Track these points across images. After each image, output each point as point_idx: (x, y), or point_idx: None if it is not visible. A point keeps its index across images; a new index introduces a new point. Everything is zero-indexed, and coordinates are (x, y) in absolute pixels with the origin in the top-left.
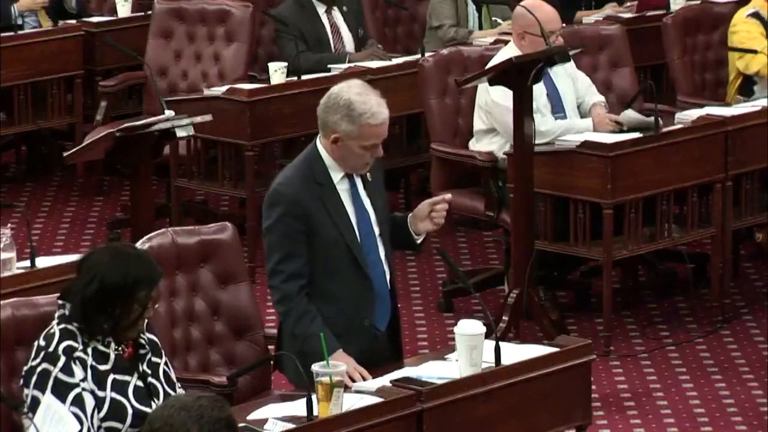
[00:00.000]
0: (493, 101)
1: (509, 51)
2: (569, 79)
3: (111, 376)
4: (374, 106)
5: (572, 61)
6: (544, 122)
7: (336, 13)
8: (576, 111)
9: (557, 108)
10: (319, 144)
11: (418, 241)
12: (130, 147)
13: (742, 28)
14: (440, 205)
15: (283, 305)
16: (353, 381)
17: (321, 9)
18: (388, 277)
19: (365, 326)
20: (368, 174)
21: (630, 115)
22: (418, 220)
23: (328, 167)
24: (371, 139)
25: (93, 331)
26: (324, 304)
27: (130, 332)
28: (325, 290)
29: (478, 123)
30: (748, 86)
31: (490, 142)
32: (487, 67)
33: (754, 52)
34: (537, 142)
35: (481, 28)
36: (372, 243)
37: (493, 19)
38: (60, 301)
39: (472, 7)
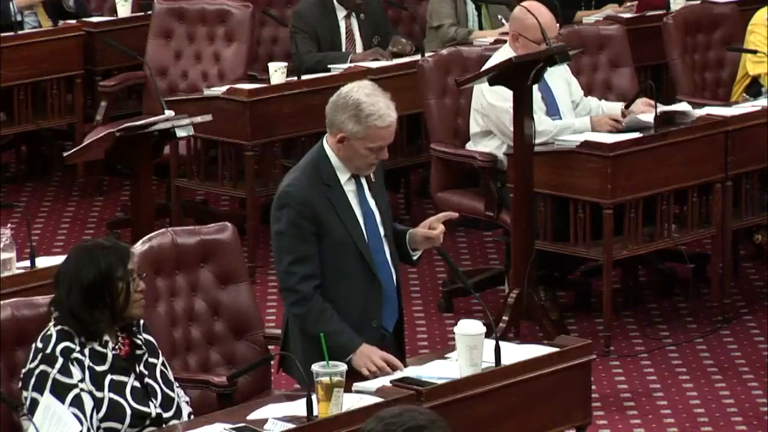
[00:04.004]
0: (489, 103)
1: (505, 52)
2: (563, 81)
3: (108, 377)
4: (382, 108)
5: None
6: (540, 122)
7: (353, 20)
8: (572, 112)
9: (552, 109)
10: (326, 144)
11: (415, 257)
12: (130, 147)
13: (760, 31)
14: (434, 238)
15: (301, 306)
16: (380, 370)
17: (341, 13)
18: (394, 278)
19: (373, 327)
20: (371, 175)
21: (634, 119)
22: (414, 241)
23: (335, 168)
24: (377, 141)
25: (94, 332)
26: (332, 305)
27: (131, 310)
28: (334, 291)
29: (474, 126)
30: (756, 86)
31: (486, 144)
32: (485, 67)
33: (755, 52)
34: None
35: (480, 27)
36: (379, 244)
37: (499, 17)
38: (52, 308)
39: (471, 6)
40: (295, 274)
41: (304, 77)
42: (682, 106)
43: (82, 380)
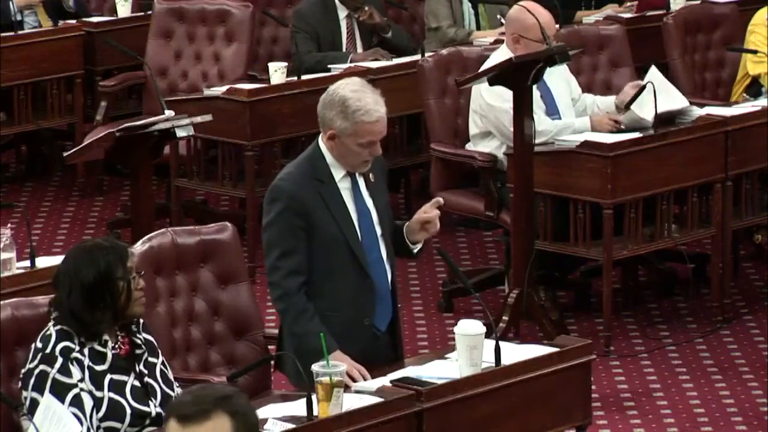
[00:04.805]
0: (487, 104)
1: (503, 53)
2: (563, 80)
3: (108, 377)
4: (369, 104)
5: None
6: (540, 122)
7: (354, 20)
8: (572, 111)
9: (551, 109)
10: (321, 142)
11: (415, 251)
12: (130, 147)
13: (761, 31)
14: (431, 221)
15: (283, 302)
16: (353, 380)
17: (342, 13)
18: (389, 277)
19: (365, 326)
20: (371, 174)
21: (632, 115)
22: (412, 232)
23: (329, 165)
24: (366, 137)
25: (94, 332)
26: (323, 302)
27: (133, 309)
28: (325, 288)
29: (473, 127)
30: (756, 86)
31: (486, 145)
32: (483, 68)
33: (755, 52)
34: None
35: (478, 26)
36: (373, 242)
37: (498, 17)
38: (52, 308)
39: (467, 5)
40: (281, 268)
41: (304, 77)
42: (675, 96)
43: (82, 380)
